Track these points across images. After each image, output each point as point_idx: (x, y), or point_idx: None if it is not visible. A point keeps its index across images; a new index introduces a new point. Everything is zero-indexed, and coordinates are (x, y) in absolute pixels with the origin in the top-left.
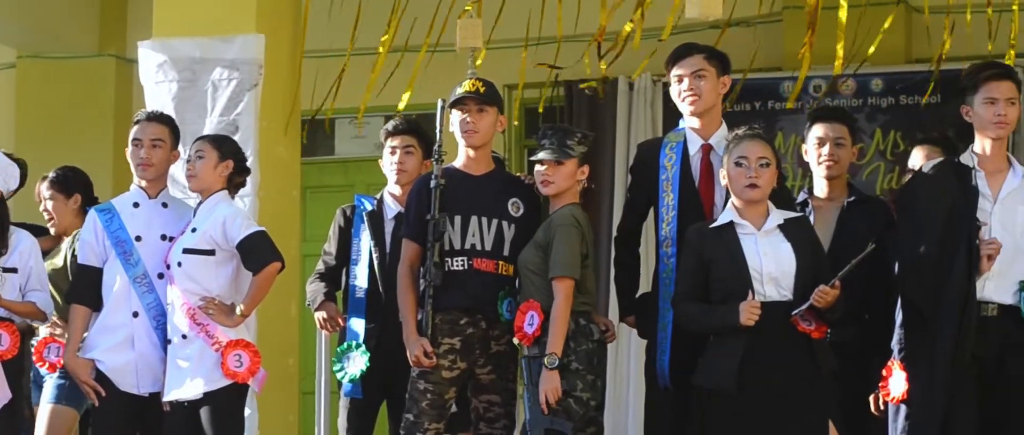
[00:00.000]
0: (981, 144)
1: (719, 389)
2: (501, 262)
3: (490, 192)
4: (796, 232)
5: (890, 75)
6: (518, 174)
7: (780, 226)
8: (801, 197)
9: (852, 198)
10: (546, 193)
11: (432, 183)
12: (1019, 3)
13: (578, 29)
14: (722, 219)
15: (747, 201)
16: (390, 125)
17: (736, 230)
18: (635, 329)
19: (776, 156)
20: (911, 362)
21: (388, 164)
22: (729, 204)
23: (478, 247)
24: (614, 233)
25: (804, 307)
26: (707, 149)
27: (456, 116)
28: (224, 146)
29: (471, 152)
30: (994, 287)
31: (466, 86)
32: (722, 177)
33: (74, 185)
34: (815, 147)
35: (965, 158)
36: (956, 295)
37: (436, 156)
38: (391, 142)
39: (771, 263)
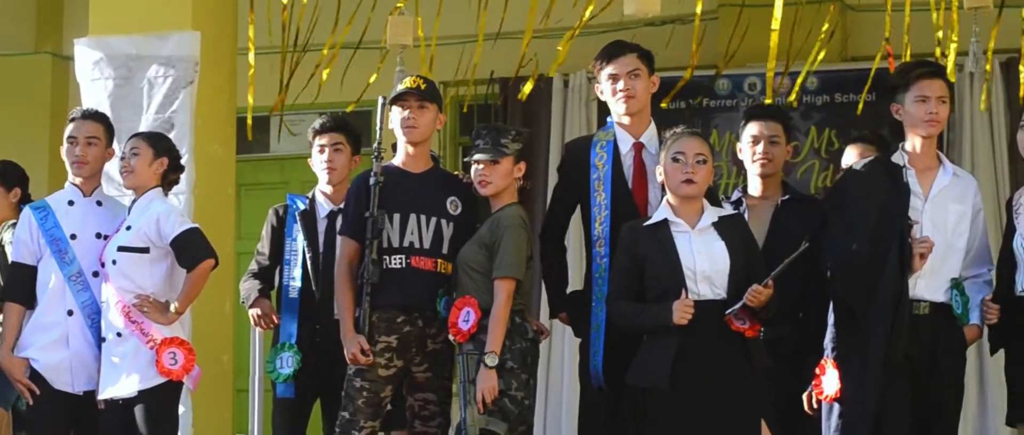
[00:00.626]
0: (912, 142)
1: (653, 388)
2: (440, 260)
3: (429, 190)
4: (730, 230)
5: (825, 73)
6: (455, 173)
7: (714, 224)
8: (735, 196)
9: (786, 197)
10: (484, 193)
11: (371, 180)
12: (957, 2)
13: (514, 26)
14: (656, 217)
15: (683, 197)
16: (317, 123)
17: (670, 228)
18: (569, 326)
19: (712, 154)
20: (844, 361)
21: (318, 162)
22: (664, 202)
23: (416, 245)
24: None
25: (738, 306)
26: (639, 147)
27: (396, 113)
28: (159, 144)
29: (410, 150)
30: (926, 285)
31: (407, 83)
32: (658, 173)
33: (13, 178)
34: (750, 145)
35: (895, 157)
36: (889, 293)
37: (376, 153)
38: (319, 140)
39: (705, 262)
